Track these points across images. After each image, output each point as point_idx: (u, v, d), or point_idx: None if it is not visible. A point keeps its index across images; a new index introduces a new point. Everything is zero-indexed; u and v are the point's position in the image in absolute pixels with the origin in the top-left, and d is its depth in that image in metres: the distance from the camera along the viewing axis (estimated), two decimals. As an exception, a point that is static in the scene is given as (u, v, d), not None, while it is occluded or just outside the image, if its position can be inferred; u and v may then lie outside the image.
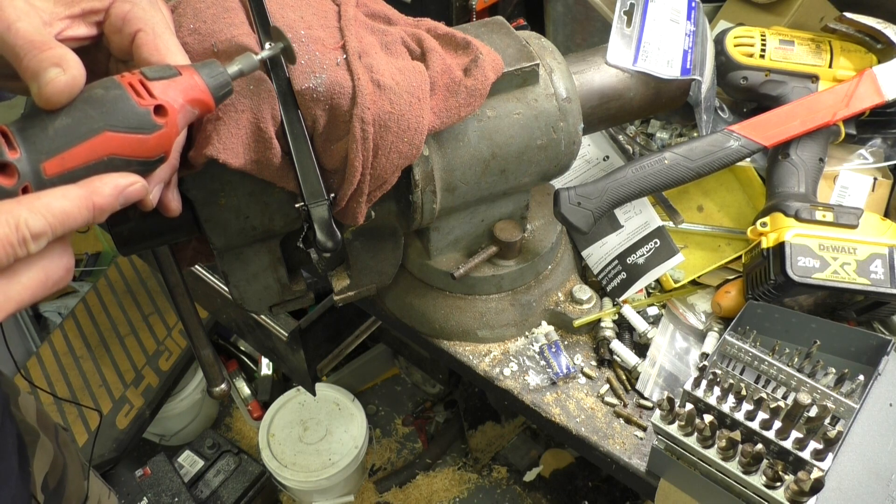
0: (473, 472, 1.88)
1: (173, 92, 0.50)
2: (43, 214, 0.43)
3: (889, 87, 0.89)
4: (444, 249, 0.88)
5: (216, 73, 0.53)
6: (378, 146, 0.66)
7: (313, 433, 1.79)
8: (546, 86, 0.77)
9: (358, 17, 0.71)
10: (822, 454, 0.63)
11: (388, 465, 1.94)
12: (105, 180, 0.46)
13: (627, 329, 0.90)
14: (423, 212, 0.76)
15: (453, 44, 0.73)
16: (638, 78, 0.86)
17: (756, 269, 0.85)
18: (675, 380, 0.85)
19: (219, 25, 0.64)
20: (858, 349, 0.79)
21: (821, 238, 0.82)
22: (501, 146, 0.76)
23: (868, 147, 0.94)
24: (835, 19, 0.94)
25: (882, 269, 0.80)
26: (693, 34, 0.90)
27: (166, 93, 0.49)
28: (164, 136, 0.50)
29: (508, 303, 0.90)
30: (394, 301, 0.95)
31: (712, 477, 0.68)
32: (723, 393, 0.69)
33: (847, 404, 0.71)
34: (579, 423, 0.83)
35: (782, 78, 0.94)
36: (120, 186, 0.47)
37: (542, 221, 0.92)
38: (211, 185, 0.65)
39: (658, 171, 0.84)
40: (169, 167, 0.55)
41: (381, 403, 2.06)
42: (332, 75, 0.63)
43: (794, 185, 0.87)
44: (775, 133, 0.87)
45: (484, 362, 0.89)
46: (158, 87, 0.49)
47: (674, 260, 0.90)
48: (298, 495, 1.79)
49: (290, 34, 0.64)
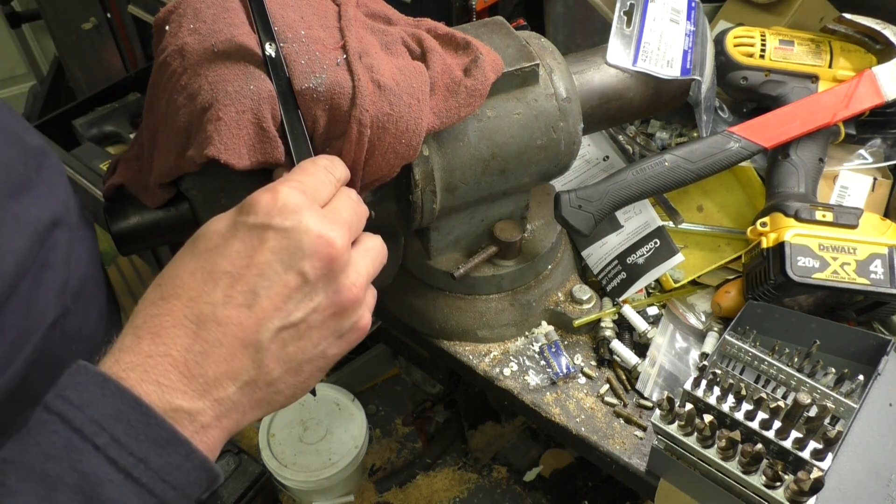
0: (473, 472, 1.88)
1: None
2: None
3: (889, 88, 0.89)
4: (444, 249, 0.88)
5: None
6: (374, 147, 0.66)
7: (313, 433, 1.79)
8: (546, 86, 0.77)
9: (358, 17, 0.71)
10: (822, 454, 0.63)
11: (388, 465, 1.94)
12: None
13: (627, 329, 0.90)
14: (423, 212, 0.76)
15: (453, 44, 0.73)
16: (638, 78, 0.86)
17: (756, 269, 0.85)
18: (675, 380, 0.85)
19: (219, 25, 0.64)
20: (858, 349, 0.79)
21: (821, 238, 0.82)
22: (501, 146, 0.76)
23: (868, 147, 0.94)
24: (834, 20, 0.94)
25: (882, 269, 0.80)
26: (693, 34, 0.90)
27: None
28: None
29: (508, 303, 0.90)
30: (394, 301, 0.95)
31: (712, 477, 0.68)
32: (723, 393, 0.69)
33: (847, 404, 0.71)
34: (579, 423, 0.83)
35: (782, 78, 0.94)
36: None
37: (542, 221, 0.92)
38: (211, 184, 0.65)
39: (658, 173, 0.84)
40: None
41: (381, 403, 2.06)
42: (332, 75, 0.63)
43: (793, 185, 0.87)
44: (775, 134, 0.87)
45: (484, 362, 0.89)
46: None
47: (674, 260, 0.90)
48: (298, 495, 1.79)
49: (290, 34, 0.65)
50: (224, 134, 0.60)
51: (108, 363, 0.43)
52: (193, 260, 0.47)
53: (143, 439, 0.41)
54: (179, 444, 0.42)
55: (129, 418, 0.41)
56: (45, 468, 0.39)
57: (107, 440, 0.40)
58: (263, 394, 0.46)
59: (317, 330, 0.47)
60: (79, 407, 0.41)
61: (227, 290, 0.45)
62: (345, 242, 0.48)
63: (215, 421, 0.44)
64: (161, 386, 0.43)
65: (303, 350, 0.47)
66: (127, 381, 0.42)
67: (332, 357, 0.50)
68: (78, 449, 0.40)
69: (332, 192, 0.51)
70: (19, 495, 0.39)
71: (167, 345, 0.44)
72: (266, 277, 0.45)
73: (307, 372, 0.48)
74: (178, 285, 0.46)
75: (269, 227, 0.46)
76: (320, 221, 0.47)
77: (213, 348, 0.44)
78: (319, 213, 0.48)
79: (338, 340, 0.49)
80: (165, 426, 0.42)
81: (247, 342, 0.45)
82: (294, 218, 0.46)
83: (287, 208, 0.46)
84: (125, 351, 0.44)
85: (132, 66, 1.73)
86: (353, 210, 0.51)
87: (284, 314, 0.46)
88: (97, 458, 0.40)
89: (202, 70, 0.62)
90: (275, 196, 0.47)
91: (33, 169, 0.57)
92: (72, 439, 0.40)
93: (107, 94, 1.43)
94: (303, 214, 0.47)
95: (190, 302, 0.45)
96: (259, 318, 0.45)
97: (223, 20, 0.65)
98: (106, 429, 0.41)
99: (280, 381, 0.47)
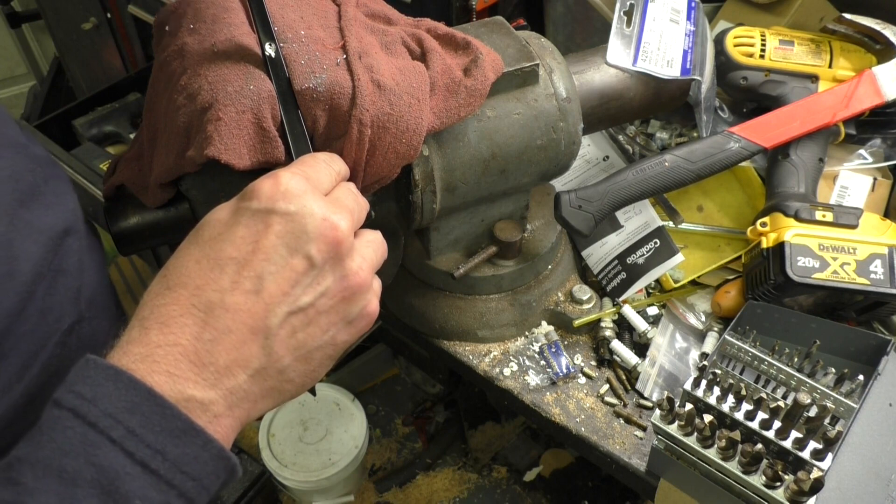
0: (473, 472, 1.88)
1: None
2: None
3: (888, 88, 0.89)
4: (444, 249, 0.88)
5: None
6: (375, 147, 0.66)
7: (313, 433, 1.79)
8: (546, 86, 0.77)
9: (358, 17, 0.71)
10: (822, 454, 0.63)
11: (388, 465, 1.94)
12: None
13: (627, 329, 0.90)
14: (423, 212, 0.76)
15: (453, 44, 0.73)
16: (638, 78, 0.86)
17: (756, 269, 0.85)
18: (675, 380, 0.85)
19: (219, 25, 0.64)
20: (858, 349, 0.79)
21: (820, 238, 0.82)
22: (501, 146, 0.76)
23: (868, 147, 0.94)
24: (833, 20, 0.94)
25: (882, 269, 0.80)
26: (693, 34, 0.90)
27: None
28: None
29: (508, 303, 0.90)
30: (394, 301, 0.95)
31: (712, 477, 0.68)
32: (722, 393, 0.69)
33: (847, 404, 0.71)
34: (579, 422, 0.83)
35: (782, 78, 0.94)
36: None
37: (542, 221, 0.92)
38: (211, 184, 0.65)
39: (658, 173, 0.84)
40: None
41: (381, 403, 2.06)
42: (332, 75, 0.63)
43: (793, 185, 0.87)
44: (775, 134, 0.87)
45: (484, 362, 0.89)
46: None
47: (674, 260, 0.90)
48: (298, 495, 1.79)
49: (290, 34, 0.65)
50: (224, 134, 0.60)
51: (117, 355, 0.43)
52: (198, 248, 0.46)
53: (159, 430, 0.41)
54: (196, 434, 0.42)
55: (143, 410, 0.41)
56: (62, 464, 0.39)
57: (122, 433, 0.40)
58: (274, 382, 0.46)
59: (325, 315, 0.47)
60: (91, 401, 0.40)
61: (233, 277, 0.45)
62: (349, 226, 0.48)
63: (228, 411, 0.44)
64: (172, 376, 0.42)
65: (312, 336, 0.47)
66: (137, 372, 0.42)
67: (341, 344, 0.50)
68: (94, 443, 0.40)
69: (333, 184, 0.51)
70: (38, 493, 0.39)
71: (176, 334, 0.43)
72: (272, 262, 0.45)
73: (317, 360, 0.48)
74: (183, 274, 0.45)
75: (273, 212, 0.46)
76: (324, 205, 0.47)
77: (222, 336, 0.44)
78: (322, 198, 0.48)
79: (347, 327, 0.49)
80: (181, 416, 0.42)
81: (256, 329, 0.45)
82: (297, 202, 0.46)
83: (290, 193, 0.46)
84: (133, 342, 0.43)
85: (132, 66, 1.73)
86: (355, 200, 0.51)
87: (292, 299, 0.46)
88: (114, 451, 0.40)
89: (202, 70, 0.62)
90: (277, 181, 0.47)
91: (41, 178, 0.57)
92: (87, 434, 0.40)
93: (107, 94, 1.43)
94: (306, 198, 0.47)
95: (197, 290, 0.45)
96: (267, 304, 0.45)
97: (223, 20, 0.65)
98: (121, 422, 0.40)
99: (290, 370, 0.47)
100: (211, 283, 0.45)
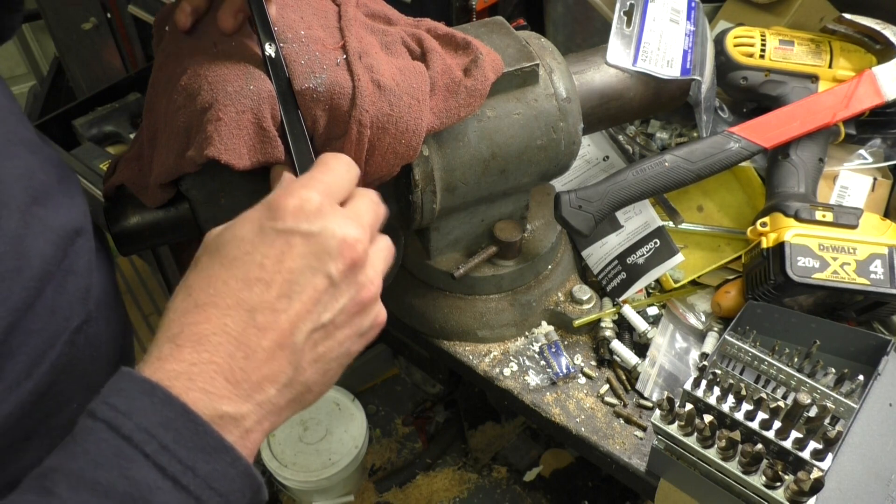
0: (473, 472, 1.88)
1: None
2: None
3: (888, 88, 0.89)
4: (444, 249, 0.88)
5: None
6: (375, 147, 0.66)
7: (313, 433, 1.79)
8: (546, 86, 0.77)
9: (358, 17, 0.71)
10: (822, 454, 0.63)
11: (388, 465, 1.94)
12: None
13: (627, 329, 0.90)
14: (423, 212, 0.76)
15: (453, 44, 0.73)
16: (638, 78, 0.86)
17: (756, 269, 0.85)
18: (675, 380, 0.85)
19: (219, 25, 0.64)
20: (858, 349, 0.79)
21: (820, 238, 0.82)
22: (501, 146, 0.76)
23: (868, 147, 0.94)
24: (834, 20, 0.94)
25: (882, 269, 0.80)
26: (693, 34, 0.90)
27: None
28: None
29: (508, 303, 0.90)
30: (394, 301, 0.95)
31: (712, 477, 0.68)
32: (722, 393, 0.69)
33: (847, 404, 0.71)
34: (579, 423, 0.83)
35: (782, 78, 0.94)
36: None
37: (542, 221, 0.92)
38: (211, 184, 0.65)
39: (658, 173, 0.84)
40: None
41: (381, 403, 2.05)
42: (332, 75, 0.63)
43: (793, 185, 0.87)
44: (775, 134, 0.87)
45: (484, 362, 0.89)
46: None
47: (674, 260, 0.90)
48: (298, 495, 1.79)
49: (290, 34, 0.65)
50: (224, 134, 0.60)
51: (149, 372, 0.44)
52: (224, 269, 0.48)
53: (192, 447, 0.42)
54: (226, 451, 0.43)
55: (177, 426, 0.42)
56: (96, 476, 0.40)
57: (156, 448, 0.41)
58: (297, 394, 0.48)
59: (341, 330, 0.50)
60: (126, 414, 0.41)
61: (262, 296, 0.47)
62: (366, 243, 0.50)
63: (257, 425, 0.46)
64: (208, 393, 0.44)
65: (331, 349, 0.49)
66: (174, 389, 0.43)
67: (354, 354, 0.52)
68: (128, 457, 0.40)
69: (351, 189, 0.53)
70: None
71: (210, 352, 0.45)
72: (297, 283, 0.47)
73: (333, 370, 0.50)
74: (212, 294, 0.47)
75: (296, 233, 0.48)
76: (345, 224, 0.49)
77: (254, 353, 0.46)
78: (343, 216, 0.49)
79: (360, 338, 0.52)
80: (213, 434, 0.43)
81: (284, 345, 0.47)
82: (320, 223, 0.48)
83: (313, 212, 0.48)
84: (165, 359, 0.44)
85: (132, 66, 1.73)
86: (375, 213, 0.53)
87: (315, 316, 0.48)
88: (146, 465, 0.40)
89: (202, 70, 0.62)
90: (301, 200, 0.48)
91: (55, 178, 0.58)
92: (121, 447, 0.40)
93: (107, 94, 1.43)
94: (328, 219, 0.48)
95: (228, 310, 0.46)
96: (293, 322, 0.47)
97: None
98: (155, 436, 0.41)
99: (311, 381, 0.49)
100: (242, 303, 0.46)
